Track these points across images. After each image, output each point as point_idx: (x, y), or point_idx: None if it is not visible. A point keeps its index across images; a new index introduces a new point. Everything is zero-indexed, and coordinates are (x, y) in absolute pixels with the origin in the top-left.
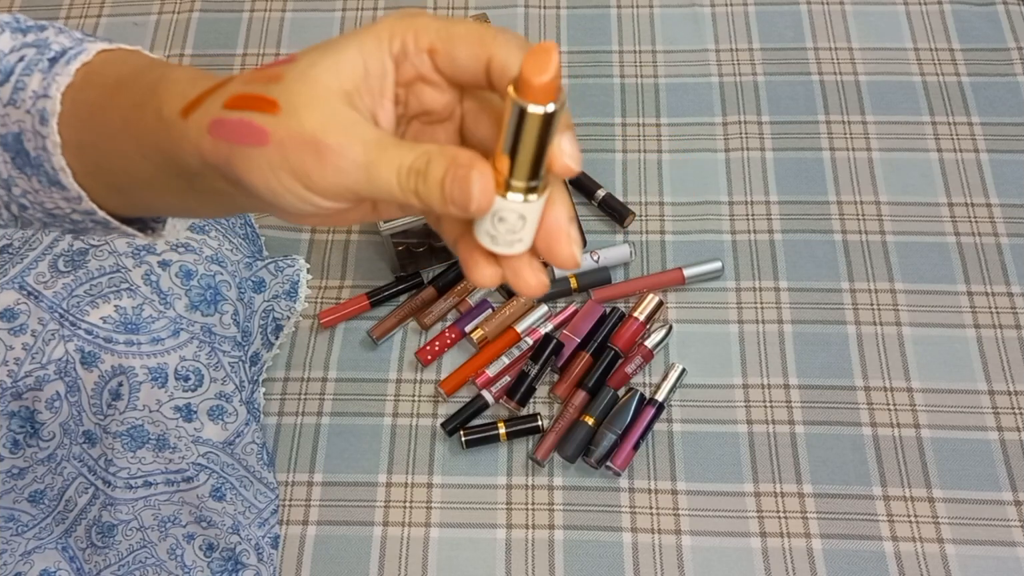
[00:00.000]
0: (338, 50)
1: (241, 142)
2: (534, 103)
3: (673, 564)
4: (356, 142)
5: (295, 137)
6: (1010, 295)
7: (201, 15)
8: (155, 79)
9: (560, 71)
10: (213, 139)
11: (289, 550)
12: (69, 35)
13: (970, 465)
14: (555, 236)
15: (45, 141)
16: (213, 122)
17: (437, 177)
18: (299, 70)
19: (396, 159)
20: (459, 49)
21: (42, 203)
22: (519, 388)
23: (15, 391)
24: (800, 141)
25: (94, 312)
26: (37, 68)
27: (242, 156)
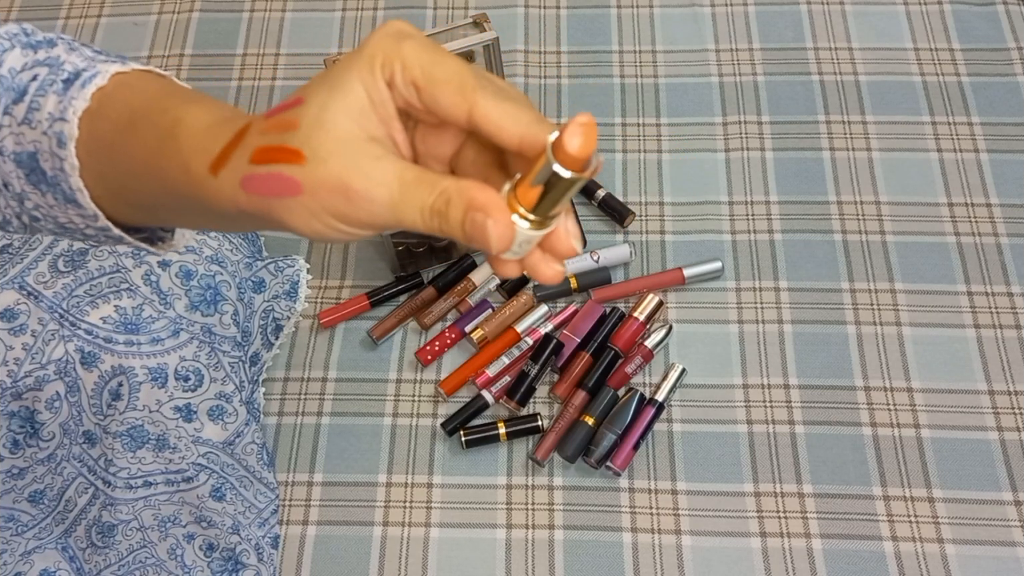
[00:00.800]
0: (343, 87)
1: (276, 194)
2: (568, 169)
3: (673, 564)
4: (380, 185)
5: (324, 184)
6: (1010, 295)
7: (201, 15)
8: (171, 124)
9: (596, 144)
10: (248, 194)
11: (289, 550)
12: (80, 53)
13: (970, 465)
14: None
15: (63, 163)
16: (245, 178)
17: (457, 220)
18: (312, 115)
19: (417, 200)
20: (440, 94)
21: (55, 217)
22: (519, 388)
23: (15, 391)
24: (800, 141)
25: (94, 312)
26: (52, 89)
27: (282, 206)
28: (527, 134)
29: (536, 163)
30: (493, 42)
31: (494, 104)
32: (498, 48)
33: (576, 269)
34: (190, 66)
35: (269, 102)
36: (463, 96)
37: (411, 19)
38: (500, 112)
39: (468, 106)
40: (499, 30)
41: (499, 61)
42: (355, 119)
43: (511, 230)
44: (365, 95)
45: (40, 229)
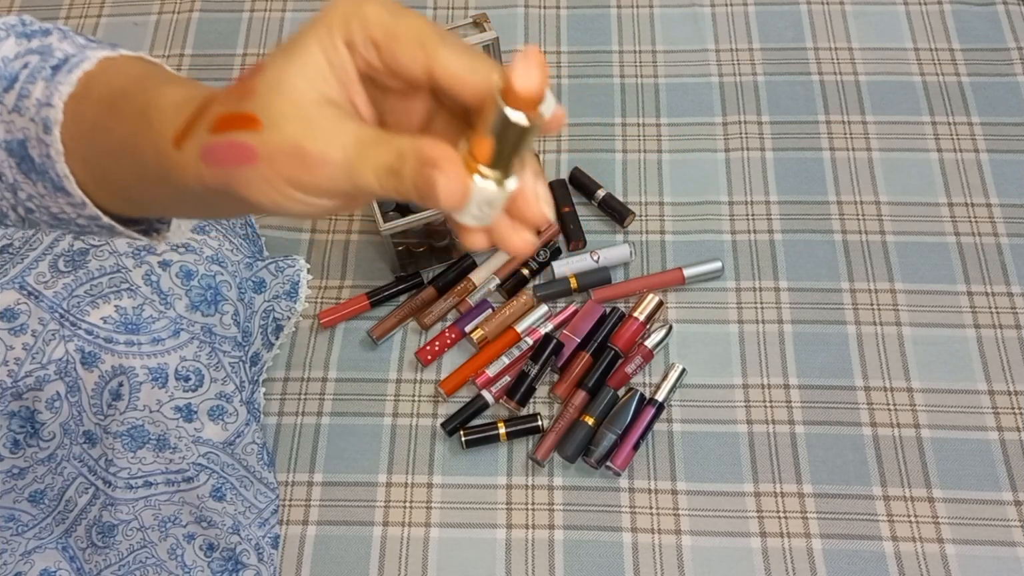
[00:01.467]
0: (300, 52)
1: (233, 163)
2: (520, 112)
3: (673, 564)
4: (336, 147)
5: (280, 149)
6: (1010, 295)
7: (201, 15)
8: (145, 102)
9: (547, 79)
10: (207, 165)
11: (289, 550)
12: (72, 41)
13: (970, 465)
14: (524, 199)
15: (49, 149)
16: (204, 149)
17: (410, 177)
18: (269, 80)
19: (372, 160)
20: (400, 49)
21: (47, 207)
22: (519, 388)
23: (15, 391)
24: (800, 141)
25: (94, 312)
26: (40, 76)
27: (238, 177)
28: (487, 83)
29: (487, 112)
30: (493, 42)
31: (454, 57)
32: (498, 48)
33: (576, 269)
34: (190, 66)
35: None
36: (423, 50)
37: None
38: (460, 65)
39: (427, 60)
40: (499, 30)
41: (499, 61)
42: (312, 82)
43: (463, 184)
44: (323, 58)
45: (37, 222)
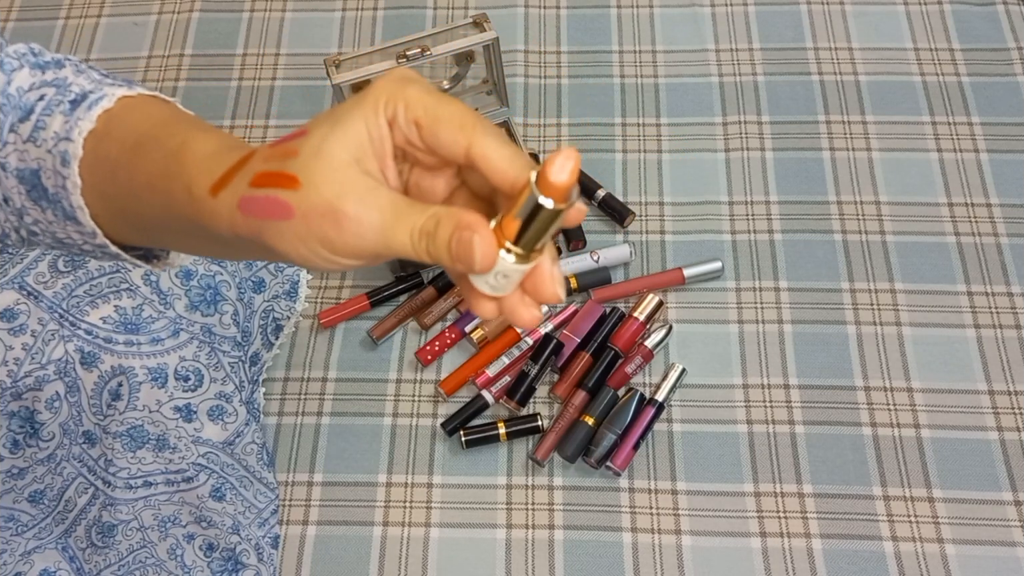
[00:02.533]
0: (344, 122)
1: (269, 217)
2: (549, 199)
3: (673, 564)
4: (372, 209)
5: (316, 209)
6: (1010, 295)
7: (201, 15)
8: (177, 146)
9: (578, 176)
10: (244, 216)
11: (289, 550)
12: (88, 76)
13: (970, 465)
14: (541, 279)
15: (65, 181)
16: (243, 200)
17: (444, 239)
18: (312, 145)
19: (408, 223)
20: (441, 131)
21: (54, 233)
22: (519, 388)
23: (15, 391)
24: (800, 141)
25: (94, 312)
26: (58, 110)
27: (272, 230)
28: (521, 177)
29: (520, 196)
30: (493, 42)
31: (493, 144)
32: (498, 48)
33: (576, 269)
34: (190, 66)
35: (269, 102)
36: (463, 133)
37: (411, 19)
38: (498, 153)
39: (467, 142)
40: (499, 30)
41: (499, 61)
42: (352, 152)
43: (494, 248)
44: (365, 131)
45: (38, 243)
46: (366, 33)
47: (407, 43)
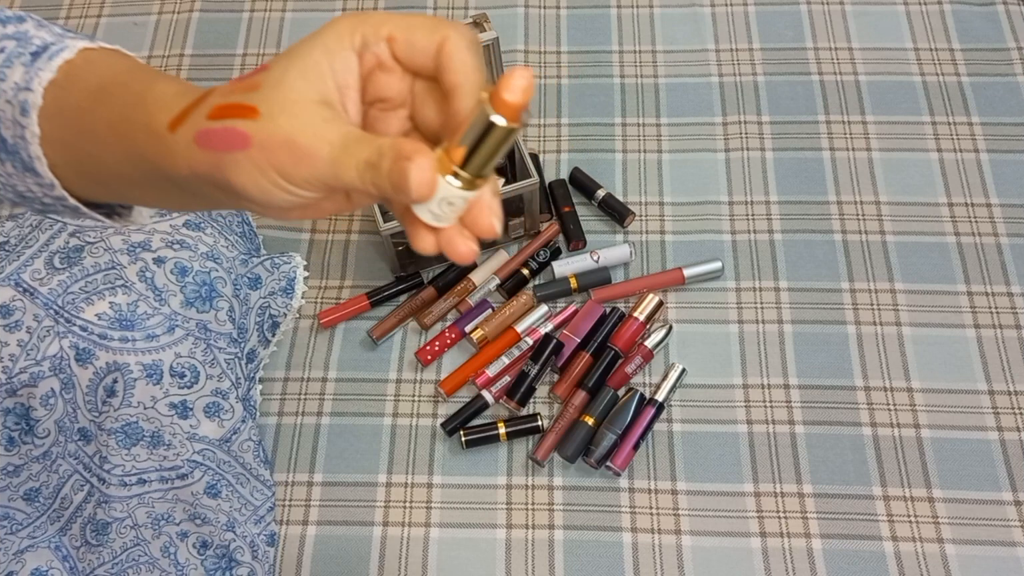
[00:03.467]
0: (305, 55)
1: (226, 148)
2: (502, 116)
3: (673, 564)
4: (324, 142)
5: (273, 138)
6: (1010, 295)
7: (201, 15)
8: (141, 90)
9: (531, 96)
10: (201, 149)
11: (289, 550)
12: (49, 30)
13: (970, 465)
14: (480, 209)
15: (24, 131)
16: (199, 133)
17: (386, 170)
18: (274, 78)
19: (355, 155)
20: (417, 35)
21: (14, 185)
22: (519, 388)
23: (10, 387)
24: (800, 141)
25: (89, 309)
26: (19, 61)
27: (229, 162)
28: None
29: (469, 118)
30: (493, 42)
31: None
32: (498, 48)
33: (576, 269)
34: (190, 66)
35: None
36: (439, 30)
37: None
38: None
39: (442, 37)
40: (499, 30)
41: (499, 61)
42: (312, 84)
43: (431, 177)
44: (326, 63)
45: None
46: None
47: None
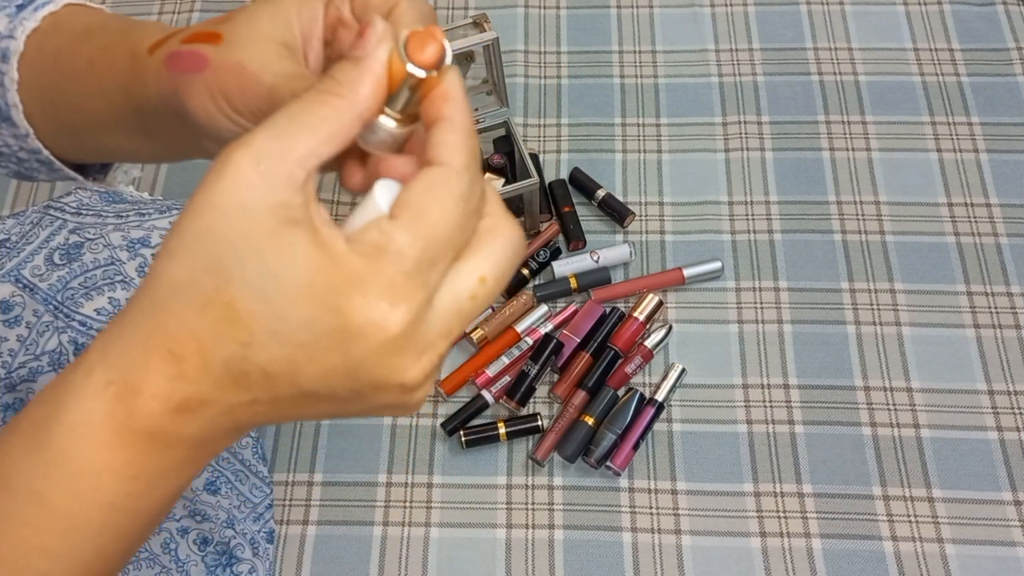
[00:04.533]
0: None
1: (188, 70)
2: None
3: (673, 564)
4: (270, 72)
5: (227, 63)
6: (1010, 295)
7: (201, 15)
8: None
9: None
10: (167, 71)
11: (289, 550)
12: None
13: (970, 465)
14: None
15: (3, 77)
16: (169, 55)
17: None
18: (245, 15)
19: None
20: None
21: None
22: (519, 388)
23: (9, 383)
24: (800, 141)
25: (88, 304)
26: (4, 12)
27: (186, 83)
28: None
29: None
30: (493, 42)
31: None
32: (498, 48)
33: (576, 269)
34: None
35: None
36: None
37: None
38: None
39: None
40: (499, 30)
41: (499, 61)
42: (277, 25)
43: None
44: (295, 10)
45: None
46: None
47: None
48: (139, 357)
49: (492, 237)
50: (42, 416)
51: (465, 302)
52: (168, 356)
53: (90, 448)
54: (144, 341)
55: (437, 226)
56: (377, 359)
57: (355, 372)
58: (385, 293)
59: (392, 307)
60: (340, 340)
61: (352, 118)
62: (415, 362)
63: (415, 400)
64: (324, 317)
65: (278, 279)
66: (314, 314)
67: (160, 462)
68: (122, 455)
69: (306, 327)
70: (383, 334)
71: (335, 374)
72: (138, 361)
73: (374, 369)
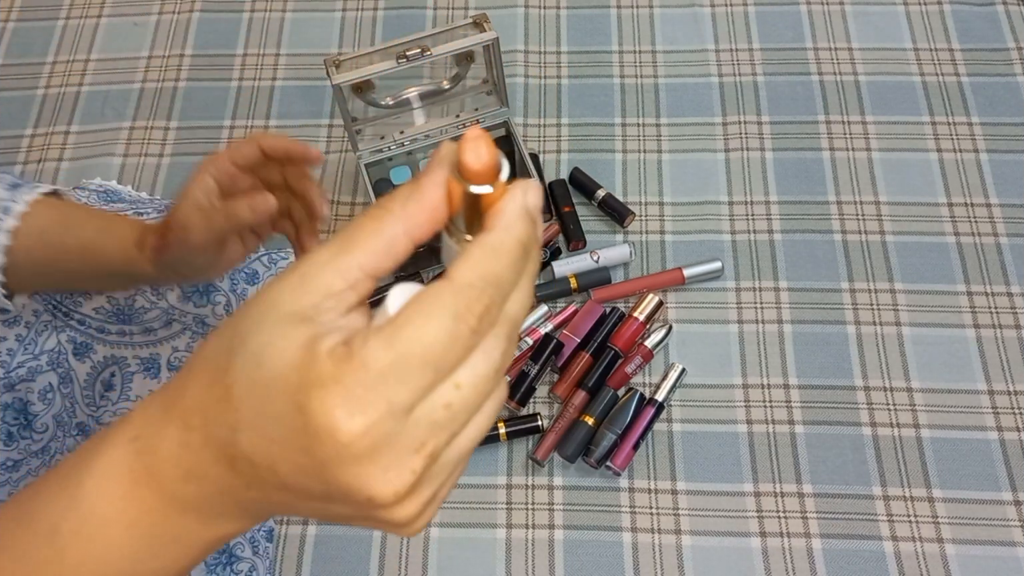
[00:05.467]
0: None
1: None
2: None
3: (673, 564)
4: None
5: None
6: (1010, 295)
7: (201, 15)
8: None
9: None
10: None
11: (289, 549)
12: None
13: (970, 465)
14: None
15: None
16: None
17: None
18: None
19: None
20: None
21: None
22: (519, 388)
23: (8, 382)
24: (800, 141)
25: (87, 303)
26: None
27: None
28: None
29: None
30: (493, 42)
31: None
32: (498, 48)
33: (576, 269)
34: (190, 66)
35: (269, 102)
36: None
37: (411, 19)
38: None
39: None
40: (499, 30)
41: (499, 61)
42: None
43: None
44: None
45: None
46: (366, 33)
47: (407, 43)
48: (161, 419)
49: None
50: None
51: (439, 411)
52: (181, 424)
53: (108, 496)
54: (168, 405)
55: (412, 340)
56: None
57: (322, 474)
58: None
59: (348, 415)
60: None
61: (398, 232)
62: (382, 474)
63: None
64: (291, 414)
65: (262, 369)
66: (284, 409)
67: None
68: (135, 508)
69: (277, 421)
70: (336, 440)
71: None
72: (160, 423)
73: (339, 475)
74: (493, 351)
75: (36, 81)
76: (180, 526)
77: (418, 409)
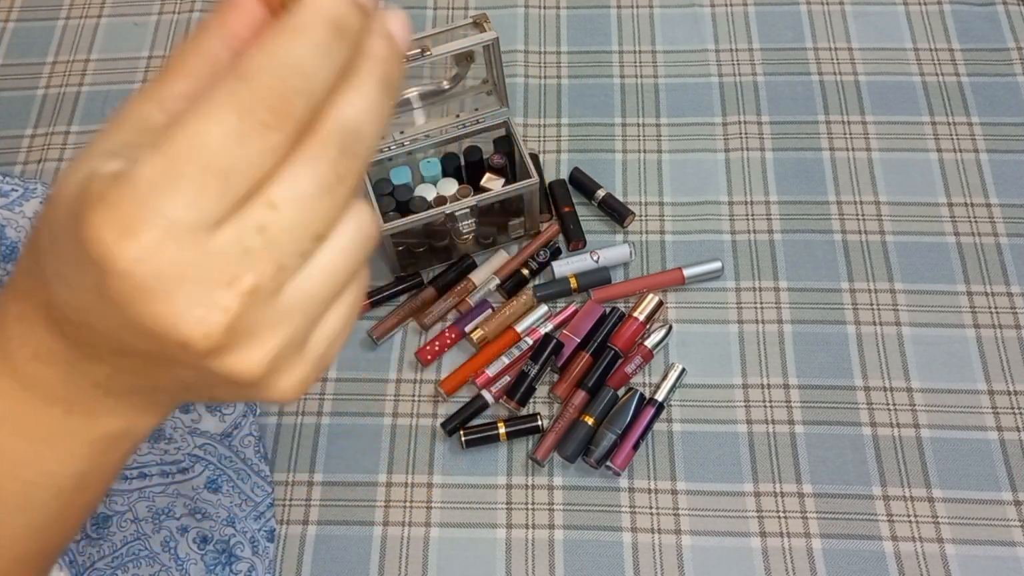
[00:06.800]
0: None
1: None
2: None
3: (673, 564)
4: None
5: None
6: (1010, 295)
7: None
8: None
9: None
10: None
11: (289, 550)
12: None
13: (970, 465)
14: None
15: None
16: None
17: None
18: None
19: None
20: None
21: None
22: (519, 388)
23: None
24: (800, 141)
25: None
26: None
27: None
28: None
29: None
30: (493, 42)
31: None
32: (498, 48)
33: (576, 269)
34: None
35: None
36: None
37: (411, 19)
38: None
39: None
40: (499, 30)
41: (499, 61)
42: None
43: None
44: None
45: None
46: None
47: None
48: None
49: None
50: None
51: (250, 237)
52: (14, 294)
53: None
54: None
55: (185, 142)
56: (132, 303)
57: (126, 319)
58: (109, 219)
59: (118, 236)
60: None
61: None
62: (186, 311)
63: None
64: (74, 249)
65: (55, 209)
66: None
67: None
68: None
69: (67, 262)
70: (115, 269)
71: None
72: (6, 301)
73: (137, 315)
74: (316, 162)
75: (36, 81)
76: (50, 417)
77: (221, 235)
